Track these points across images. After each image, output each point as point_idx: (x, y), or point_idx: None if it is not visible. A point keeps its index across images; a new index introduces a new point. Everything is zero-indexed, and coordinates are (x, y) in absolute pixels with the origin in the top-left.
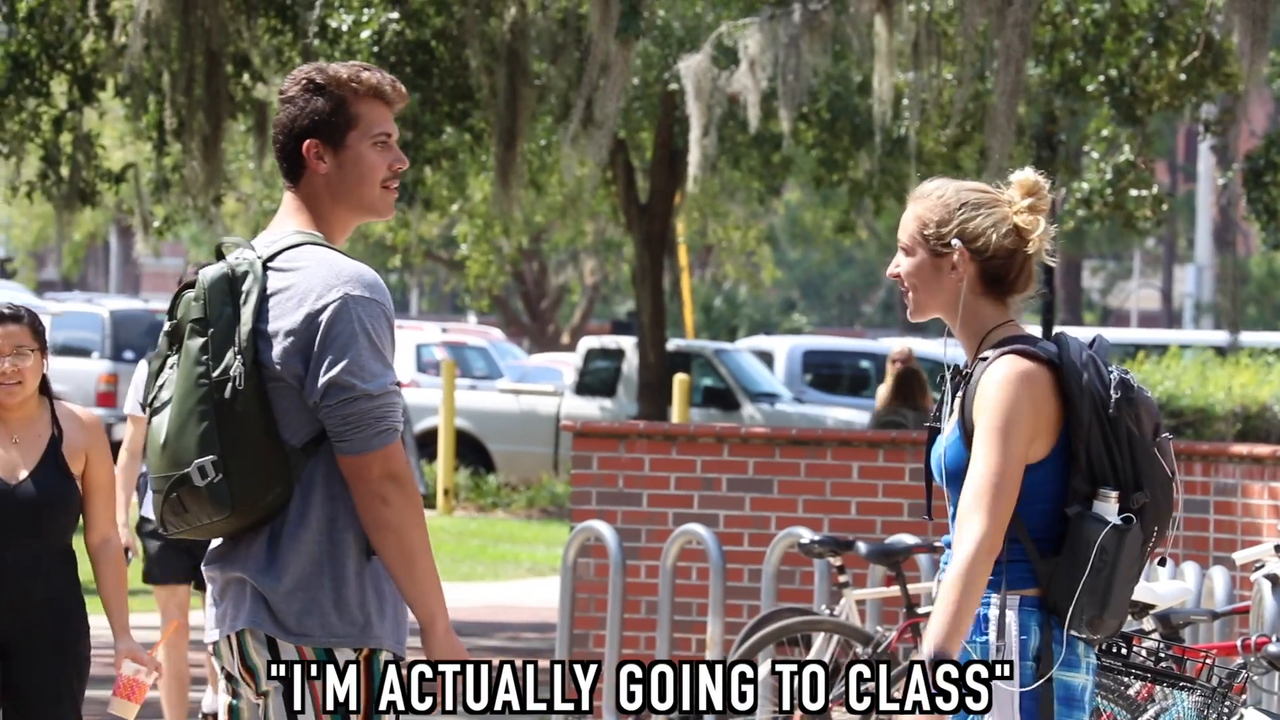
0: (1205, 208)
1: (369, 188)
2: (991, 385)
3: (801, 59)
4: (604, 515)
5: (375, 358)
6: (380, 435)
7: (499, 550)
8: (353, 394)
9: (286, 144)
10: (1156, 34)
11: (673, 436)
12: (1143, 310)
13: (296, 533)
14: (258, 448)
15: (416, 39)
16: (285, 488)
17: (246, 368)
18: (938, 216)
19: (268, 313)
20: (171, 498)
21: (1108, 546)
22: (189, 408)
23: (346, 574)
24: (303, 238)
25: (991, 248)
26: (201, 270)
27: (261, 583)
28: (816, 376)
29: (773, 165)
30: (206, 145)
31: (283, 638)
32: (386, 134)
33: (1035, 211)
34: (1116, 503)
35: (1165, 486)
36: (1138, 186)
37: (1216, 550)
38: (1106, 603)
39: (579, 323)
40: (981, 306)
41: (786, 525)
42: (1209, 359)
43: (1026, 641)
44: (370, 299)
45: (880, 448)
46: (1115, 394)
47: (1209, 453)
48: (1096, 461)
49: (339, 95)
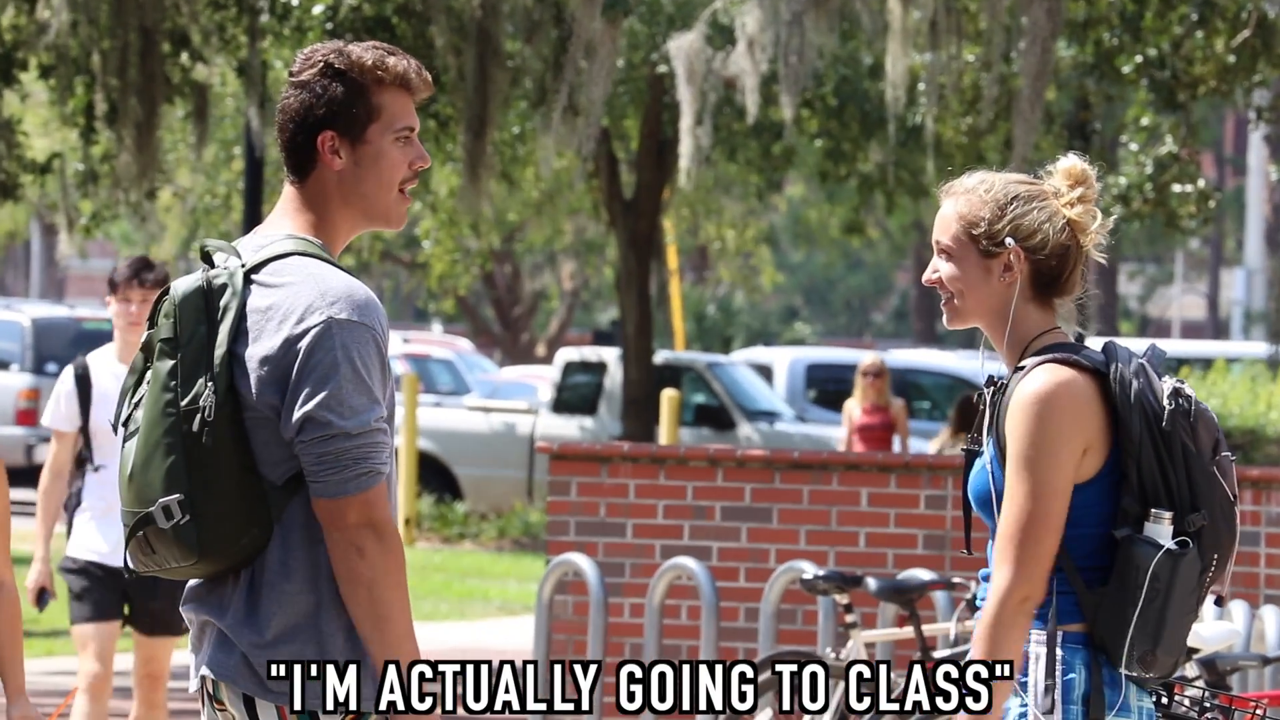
0: (1256, 205)
1: (385, 190)
2: (1026, 402)
3: (806, 38)
4: (583, 547)
5: (358, 391)
6: (359, 479)
7: (466, 586)
8: (329, 431)
9: (296, 135)
10: (1202, 10)
11: (660, 459)
12: (1186, 319)
13: (278, 582)
14: (231, 486)
15: (375, 15)
16: (263, 530)
17: (219, 397)
18: (988, 213)
19: (246, 333)
20: (138, 536)
21: (1160, 573)
22: (155, 439)
23: (333, 628)
24: (293, 245)
25: (1049, 245)
26: (175, 282)
27: (240, 636)
28: (821, 393)
29: (773, 157)
30: (140, 132)
31: (262, 696)
32: (410, 128)
33: (1086, 202)
34: (1171, 525)
35: (1226, 510)
36: (1181, 181)
37: (1268, 588)
38: (1160, 637)
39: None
40: (1029, 312)
41: (787, 558)
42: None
43: (1072, 682)
44: (358, 323)
45: (892, 472)
46: (1170, 405)
47: (1260, 478)
48: (1149, 480)
49: (361, 83)
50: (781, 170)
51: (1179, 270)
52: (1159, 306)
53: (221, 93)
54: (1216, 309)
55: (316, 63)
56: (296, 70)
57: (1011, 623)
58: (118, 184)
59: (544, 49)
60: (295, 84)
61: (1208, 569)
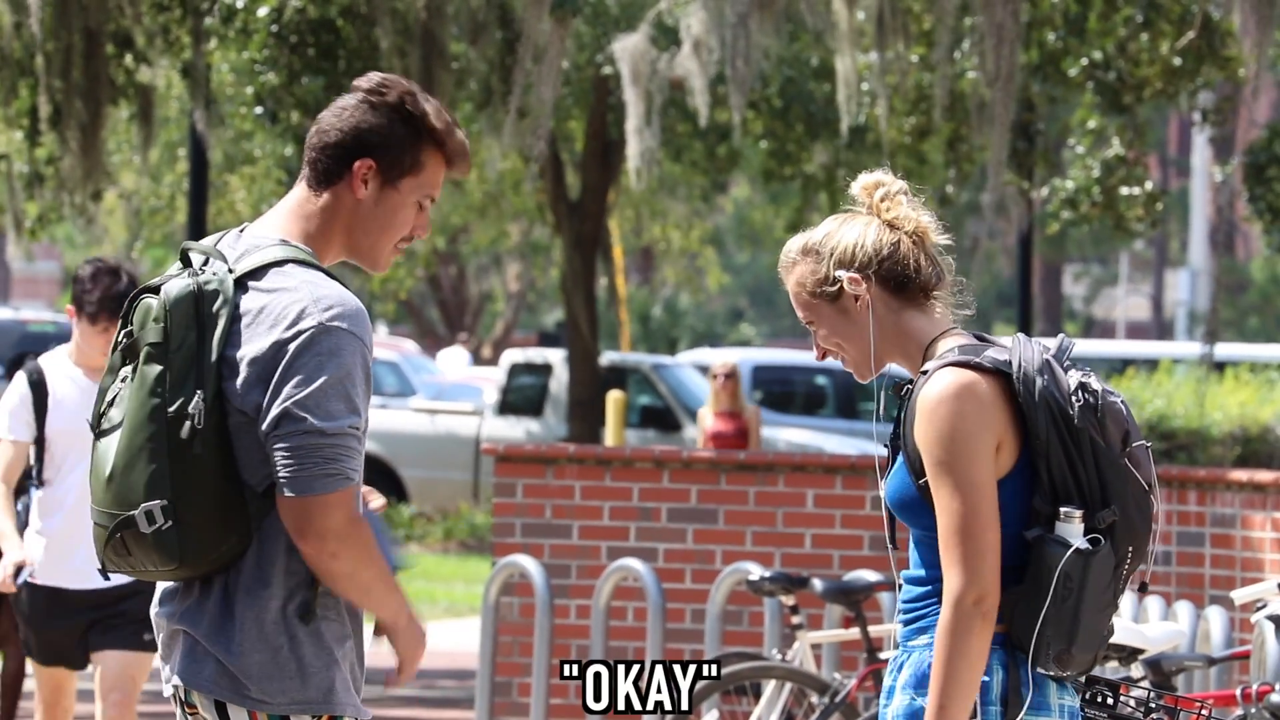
0: (1200, 206)
1: (385, 239)
2: (929, 407)
3: (751, 40)
4: (529, 549)
5: (338, 397)
6: (328, 479)
7: (412, 588)
8: (303, 427)
9: (339, 147)
10: (1147, 12)
11: (606, 461)
12: (1131, 320)
13: (254, 588)
14: (214, 493)
15: (320, 17)
16: (242, 537)
17: (208, 404)
18: (811, 266)
19: (237, 337)
20: (115, 539)
21: (1072, 573)
22: (139, 442)
23: (305, 633)
24: (287, 253)
25: (871, 252)
26: (165, 285)
27: (214, 643)
28: (767, 394)
29: (718, 158)
30: (85, 134)
31: (236, 702)
32: (433, 198)
33: (890, 199)
34: (1081, 523)
35: (1141, 501)
36: (1129, 184)
37: (1213, 588)
38: (1074, 635)
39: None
40: (907, 321)
41: (733, 560)
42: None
43: (989, 684)
44: (348, 332)
45: (838, 473)
46: (1076, 400)
47: (1205, 479)
48: (1059, 478)
49: (419, 134)
50: (727, 171)
51: (1124, 271)
52: (1104, 307)
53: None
54: (1161, 310)
55: (392, 95)
56: (369, 89)
57: (967, 628)
58: (62, 186)
59: (489, 51)
60: (366, 101)
61: (1122, 563)
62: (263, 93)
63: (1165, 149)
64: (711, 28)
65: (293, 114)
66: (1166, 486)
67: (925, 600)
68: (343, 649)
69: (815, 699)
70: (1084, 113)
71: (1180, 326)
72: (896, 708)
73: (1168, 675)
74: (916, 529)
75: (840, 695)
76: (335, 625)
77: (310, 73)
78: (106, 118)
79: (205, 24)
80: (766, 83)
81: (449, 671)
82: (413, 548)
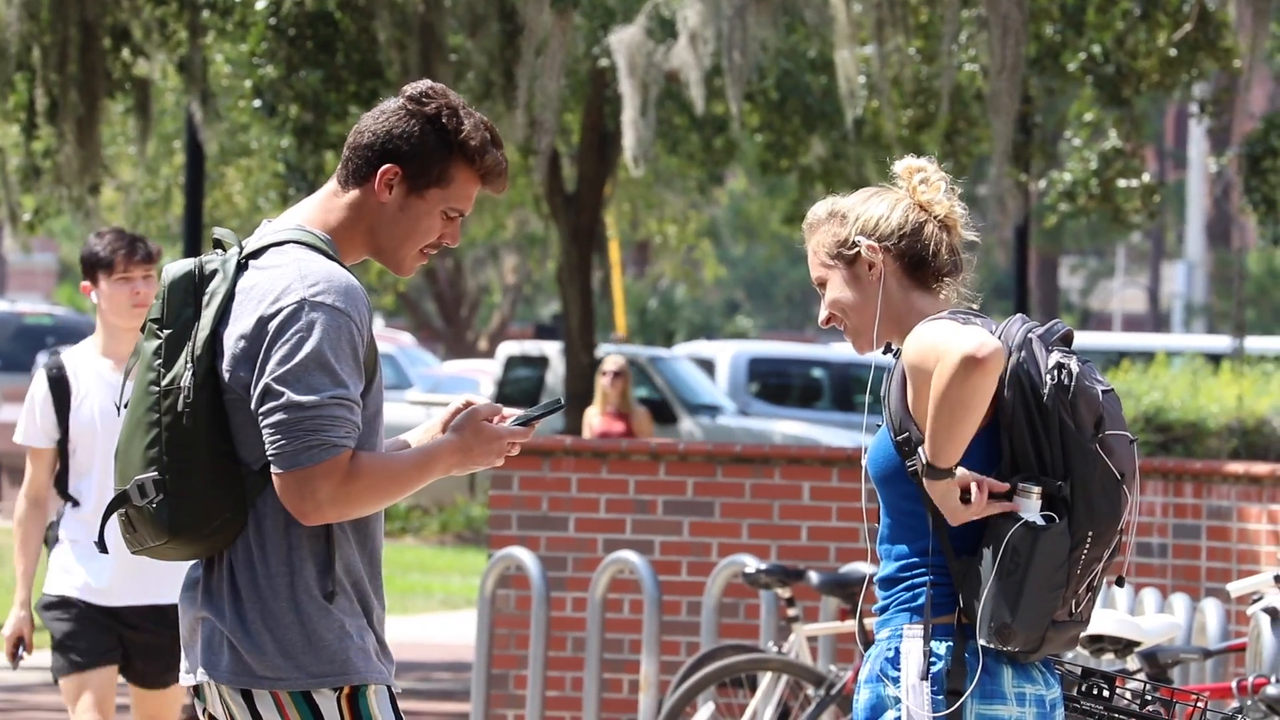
0: (1197, 198)
1: (410, 246)
2: (916, 334)
3: (748, 32)
4: (525, 541)
5: (319, 370)
6: (312, 450)
7: (408, 581)
8: (281, 401)
9: (371, 148)
10: (1144, 5)
11: (603, 454)
12: (1127, 312)
13: (256, 565)
14: (205, 468)
15: (318, 10)
16: (236, 514)
17: (198, 378)
18: (834, 229)
19: (229, 315)
20: (121, 513)
21: (1020, 547)
22: (138, 416)
23: (313, 607)
24: (293, 235)
25: (894, 228)
26: (167, 265)
27: (229, 626)
28: (763, 386)
29: (714, 151)
30: (81, 128)
31: (256, 686)
32: (461, 212)
33: (929, 183)
34: (1039, 500)
35: (1109, 488)
36: (1126, 176)
37: (1209, 580)
38: (1017, 609)
39: (498, 327)
40: (914, 300)
41: (729, 552)
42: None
43: (940, 671)
44: (332, 306)
45: (834, 466)
46: (1050, 379)
47: (1201, 472)
48: (1020, 453)
49: (450, 148)
50: (723, 164)
51: (1120, 264)
52: (1100, 300)
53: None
54: (1157, 302)
55: (432, 106)
56: (414, 96)
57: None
58: (59, 179)
59: (487, 43)
60: (409, 110)
61: (1080, 545)
62: (260, 85)
63: (1162, 141)
64: (708, 20)
65: (291, 107)
66: (1163, 479)
67: (894, 587)
68: (355, 621)
69: (811, 691)
70: (1081, 105)
71: (1177, 319)
72: (861, 701)
73: (1164, 668)
74: (892, 501)
75: (836, 688)
76: (343, 599)
77: (308, 65)
78: (103, 111)
79: (202, 17)
80: (763, 75)
81: (445, 664)
82: (408, 540)
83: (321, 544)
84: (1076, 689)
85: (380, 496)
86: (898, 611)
